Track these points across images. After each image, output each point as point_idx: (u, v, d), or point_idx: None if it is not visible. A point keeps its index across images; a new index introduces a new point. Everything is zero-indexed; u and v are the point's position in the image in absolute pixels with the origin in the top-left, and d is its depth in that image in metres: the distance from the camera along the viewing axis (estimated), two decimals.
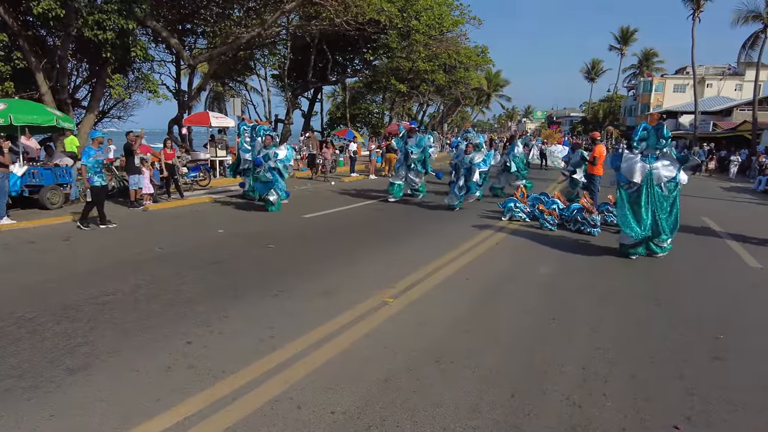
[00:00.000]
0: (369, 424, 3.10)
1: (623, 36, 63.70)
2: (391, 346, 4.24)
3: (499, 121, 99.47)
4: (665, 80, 55.40)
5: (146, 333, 4.38)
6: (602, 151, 11.51)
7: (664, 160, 7.41)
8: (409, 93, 34.12)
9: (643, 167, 7.38)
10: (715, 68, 54.76)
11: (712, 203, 15.21)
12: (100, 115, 19.90)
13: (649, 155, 7.46)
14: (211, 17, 20.26)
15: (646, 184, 7.34)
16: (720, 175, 27.55)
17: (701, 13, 35.07)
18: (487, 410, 3.29)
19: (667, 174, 7.33)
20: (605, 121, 65.07)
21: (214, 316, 4.79)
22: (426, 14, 25.11)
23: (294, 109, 29.42)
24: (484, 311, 5.22)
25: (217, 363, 3.81)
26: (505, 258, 7.51)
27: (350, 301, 5.24)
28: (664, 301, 5.65)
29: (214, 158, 17.55)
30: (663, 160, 7.40)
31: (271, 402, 3.30)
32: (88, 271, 6.30)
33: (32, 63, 14.01)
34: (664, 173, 7.34)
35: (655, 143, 7.42)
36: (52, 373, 3.63)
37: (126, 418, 3.08)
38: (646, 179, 7.34)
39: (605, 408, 3.38)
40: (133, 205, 11.35)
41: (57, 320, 4.63)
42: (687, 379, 3.81)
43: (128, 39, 14.86)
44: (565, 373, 3.85)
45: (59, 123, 11.52)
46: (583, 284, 6.24)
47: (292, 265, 6.78)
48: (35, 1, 12.34)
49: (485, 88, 54.20)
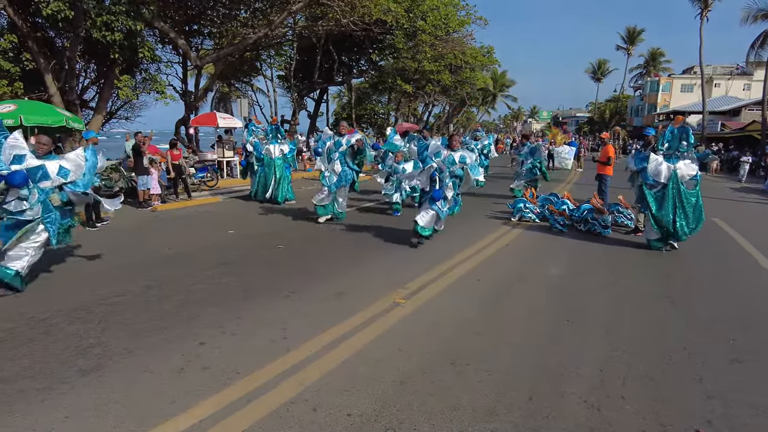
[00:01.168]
0: (386, 427, 3.06)
1: (630, 36, 63.33)
2: (405, 347, 4.20)
3: (504, 121, 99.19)
4: (672, 80, 55.01)
5: (158, 334, 4.37)
6: (612, 151, 11.46)
7: (685, 159, 7.80)
8: (415, 93, 34.08)
9: (669, 168, 7.76)
10: (723, 68, 54.33)
11: (722, 204, 15.07)
12: (107, 116, 19.98)
13: (672, 156, 7.84)
14: (217, 18, 20.29)
15: (672, 184, 7.76)
16: (729, 176, 27.34)
17: (709, 12, 34.85)
18: (504, 413, 3.25)
19: (690, 172, 7.77)
20: (612, 122, 64.71)
21: (226, 317, 4.77)
22: (432, 14, 25.06)
23: (300, 110, 29.48)
24: (497, 312, 5.17)
25: (230, 364, 3.79)
26: (515, 259, 7.46)
27: (362, 302, 5.21)
28: (678, 302, 5.59)
29: (222, 159, 17.59)
30: (685, 160, 7.79)
31: (286, 404, 3.27)
32: (98, 272, 6.30)
33: (41, 64, 14.08)
34: (687, 172, 7.74)
35: (678, 145, 7.78)
36: (65, 374, 3.62)
37: (141, 420, 3.06)
38: (672, 179, 7.76)
39: (624, 411, 3.33)
40: (141, 205, 11.37)
41: (69, 321, 4.62)
42: (706, 381, 3.75)
43: (136, 40, 14.92)
44: (582, 375, 3.80)
45: (69, 123, 11.58)
46: (596, 285, 6.18)
47: (303, 265, 6.76)
48: (45, 2, 12.40)
49: (491, 89, 54.10)
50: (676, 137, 7.79)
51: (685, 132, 7.77)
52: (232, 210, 11.71)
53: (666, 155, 7.84)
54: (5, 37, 14.38)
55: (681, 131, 7.79)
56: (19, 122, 10.43)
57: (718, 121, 40.24)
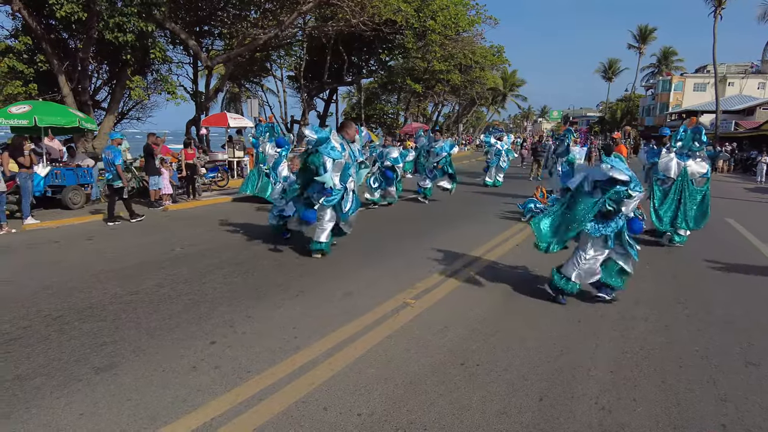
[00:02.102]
0: (396, 427, 3.07)
1: (642, 34, 62.74)
2: (414, 347, 4.20)
3: (514, 121, 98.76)
4: (685, 79, 54.44)
5: (171, 333, 4.41)
6: (624, 151, 11.43)
7: (696, 158, 8.04)
8: (425, 93, 34.07)
9: (679, 164, 8.09)
10: (737, 66, 53.64)
11: (736, 204, 14.88)
12: (119, 116, 20.21)
13: (683, 154, 8.08)
14: (228, 19, 20.43)
15: (680, 181, 8.04)
16: (743, 176, 26.99)
17: (723, 10, 34.42)
18: (515, 414, 3.24)
19: (699, 170, 8.02)
20: (623, 121, 64.19)
21: (237, 316, 4.81)
22: (442, 14, 25.01)
23: (309, 110, 29.58)
24: (507, 313, 5.15)
25: (241, 363, 3.81)
26: (525, 259, 7.42)
27: (372, 303, 5.22)
28: (691, 303, 5.53)
29: (232, 159, 17.68)
30: (696, 158, 8.03)
31: (297, 403, 3.29)
32: (111, 271, 6.37)
33: (55, 65, 14.27)
34: (696, 169, 8.02)
35: (690, 144, 7.99)
36: (79, 371, 3.66)
37: (153, 418, 3.09)
38: (681, 175, 8.03)
39: (636, 413, 3.30)
40: (153, 205, 11.48)
41: (83, 319, 4.68)
42: (719, 385, 3.71)
43: (147, 41, 15.08)
44: (593, 377, 3.77)
45: (82, 124, 11.72)
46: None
47: (313, 266, 6.78)
48: (58, 4, 12.55)
49: (501, 88, 53.86)
50: (689, 136, 8.00)
51: (698, 132, 7.96)
52: (243, 210, 11.76)
53: (678, 153, 8.10)
54: (20, 39, 14.62)
55: (694, 131, 7.99)
56: (34, 123, 10.57)
57: (731, 121, 39.72)
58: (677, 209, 8.07)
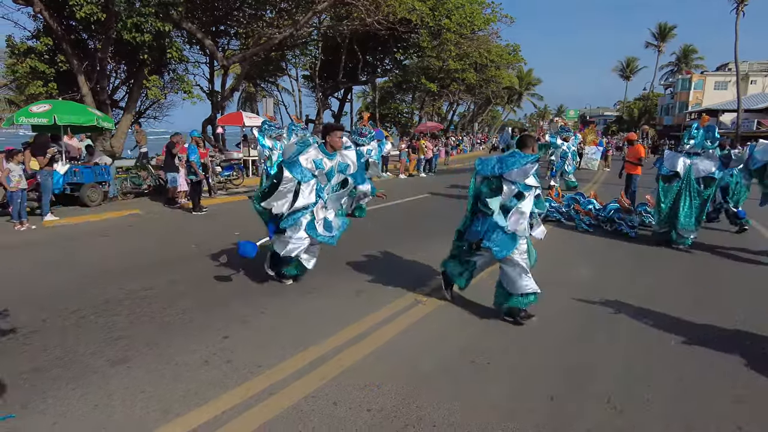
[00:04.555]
0: (405, 423, 3.06)
1: (661, 32, 61.83)
2: (425, 345, 4.20)
3: (530, 120, 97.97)
4: (705, 77, 53.46)
5: (184, 327, 4.46)
6: (642, 151, 11.30)
7: (705, 157, 7.87)
8: (440, 92, 33.96)
9: (684, 161, 7.92)
10: (759, 64, 52.56)
11: (757, 205, 14.53)
12: (136, 116, 20.49)
13: (693, 153, 7.93)
14: (244, 19, 20.60)
15: (684, 178, 7.89)
16: None
17: (745, 6, 33.73)
18: (525, 412, 3.22)
19: (705, 168, 7.77)
20: (641, 121, 63.29)
21: (250, 312, 4.85)
22: (457, 12, 24.88)
23: (324, 110, 29.68)
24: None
25: (253, 358, 3.84)
26: (540, 258, 7.33)
27: (383, 300, 5.23)
28: (708, 304, 5.43)
29: (247, 158, 17.83)
30: (704, 157, 7.87)
31: (307, 398, 3.30)
32: (127, 267, 6.47)
33: (74, 65, 14.54)
34: (702, 167, 7.79)
35: (703, 143, 7.85)
36: (95, 364, 3.73)
37: (166, 411, 3.13)
38: (687, 172, 7.87)
39: (648, 413, 3.25)
40: (169, 202, 11.62)
41: (99, 314, 4.76)
42: (737, 386, 3.64)
43: (164, 41, 15.28)
44: (606, 375, 3.73)
45: (100, 123, 11.91)
46: (622, 285, 6.06)
47: (326, 263, 6.79)
48: (78, 5, 12.78)
49: (517, 87, 53.49)
50: (701, 135, 7.89)
51: (710, 131, 7.89)
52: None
53: (688, 152, 7.98)
54: (41, 40, 14.91)
55: (707, 129, 7.92)
56: (53, 121, 10.77)
57: (754, 120, 38.95)
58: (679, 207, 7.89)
